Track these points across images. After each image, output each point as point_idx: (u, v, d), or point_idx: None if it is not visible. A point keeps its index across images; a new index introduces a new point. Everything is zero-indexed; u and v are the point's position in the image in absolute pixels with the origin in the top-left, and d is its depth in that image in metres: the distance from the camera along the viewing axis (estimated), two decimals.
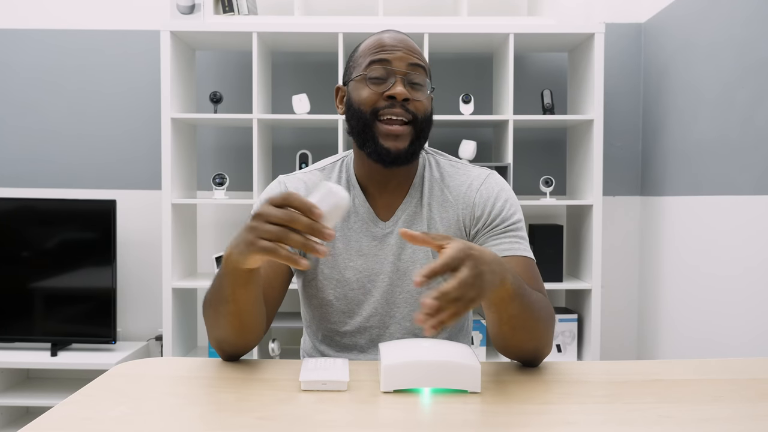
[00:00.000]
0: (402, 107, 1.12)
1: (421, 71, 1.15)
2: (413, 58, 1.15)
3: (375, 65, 1.14)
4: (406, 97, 1.12)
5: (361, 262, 1.20)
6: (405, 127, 1.13)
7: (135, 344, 2.73)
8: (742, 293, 2.01)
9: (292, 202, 0.86)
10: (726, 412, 0.86)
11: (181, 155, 2.60)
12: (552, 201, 2.55)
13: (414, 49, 1.17)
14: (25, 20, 2.82)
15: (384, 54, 1.14)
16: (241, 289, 0.98)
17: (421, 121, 1.14)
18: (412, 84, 1.14)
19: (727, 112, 2.10)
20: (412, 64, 1.14)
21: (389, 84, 1.13)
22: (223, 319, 1.03)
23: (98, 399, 0.90)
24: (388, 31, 1.19)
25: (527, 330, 1.01)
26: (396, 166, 1.15)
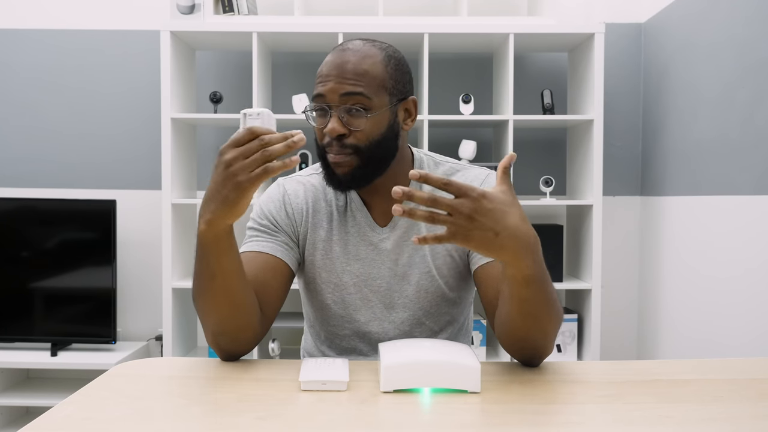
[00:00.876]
0: (339, 143, 1.10)
1: (359, 97, 1.09)
2: (347, 86, 1.09)
3: (315, 100, 1.13)
4: (340, 133, 1.10)
5: (358, 267, 1.20)
6: (348, 158, 1.11)
7: (135, 344, 2.73)
8: (742, 293, 2.01)
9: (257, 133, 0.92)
10: (726, 412, 0.86)
11: (181, 155, 2.60)
12: (552, 201, 2.55)
13: (351, 73, 1.09)
14: (24, 20, 2.82)
15: (319, 87, 1.11)
16: (225, 257, 1.00)
17: (365, 149, 1.11)
18: (349, 112, 1.10)
19: (727, 112, 2.10)
20: (346, 93, 1.09)
21: (327, 118, 1.11)
22: (212, 300, 1.03)
23: (98, 399, 0.90)
24: (338, 51, 1.14)
25: (536, 320, 1.00)
26: (344, 191, 1.17)
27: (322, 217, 1.21)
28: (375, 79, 1.11)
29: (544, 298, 0.99)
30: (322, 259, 1.21)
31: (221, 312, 1.04)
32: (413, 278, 1.19)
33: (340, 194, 1.22)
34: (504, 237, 0.89)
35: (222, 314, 1.04)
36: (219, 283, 1.01)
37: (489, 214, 0.88)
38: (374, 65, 1.11)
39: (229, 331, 1.06)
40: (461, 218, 0.87)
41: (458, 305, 1.25)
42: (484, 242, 0.89)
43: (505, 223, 0.89)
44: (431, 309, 1.21)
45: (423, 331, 1.22)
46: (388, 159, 1.15)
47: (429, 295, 1.20)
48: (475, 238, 0.88)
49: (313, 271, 1.22)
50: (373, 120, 1.10)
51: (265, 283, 1.13)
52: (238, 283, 1.03)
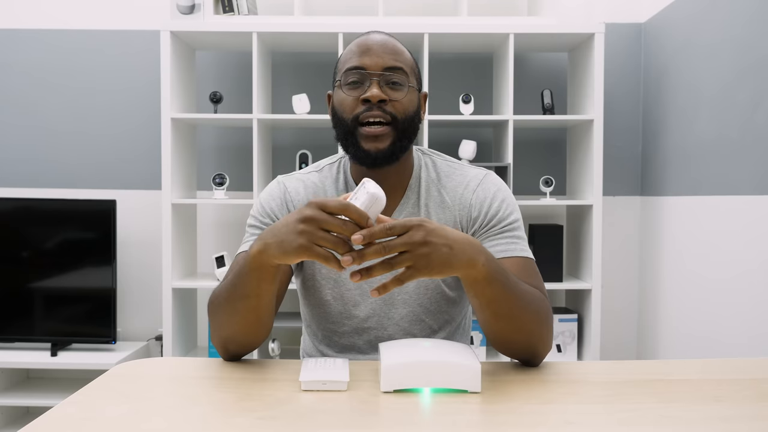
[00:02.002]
0: (379, 109, 1.12)
1: (399, 72, 1.14)
2: (389, 60, 1.14)
3: (350, 71, 1.14)
4: (382, 99, 1.11)
5: None
6: (384, 128, 1.13)
7: (135, 344, 2.73)
8: (742, 293, 2.01)
9: (349, 213, 0.88)
10: (726, 412, 0.86)
11: (181, 155, 2.60)
12: (552, 201, 2.55)
13: (391, 50, 1.15)
14: (25, 20, 2.82)
15: (359, 59, 1.14)
16: (267, 285, 1.00)
17: (402, 121, 1.14)
18: (390, 84, 1.14)
19: (727, 112, 2.10)
20: (388, 67, 1.14)
21: (365, 88, 1.13)
22: (239, 315, 1.03)
23: (98, 399, 0.90)
24: (370, 34, 1.19)
25: (512, 319, 1.01)
26: (378, 167, 1.16)
27: None
28: (408, 61, 1.18)
29: (513, 295, 1.00)
30: None
31: (243, 327, 1.05)
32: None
33: (341, 190, 1.23)
34: (456, 248, 0.92)
35: (241, 329, 1.06)
36: (251, 304, 1.02)
37: (437, 232, 0.91)
38: (406, 50, 1.20)
39: (242, 341, 1.08)
40: (419, 247, 0.89)
41: (457, 304, 1.25)
42: (443, 260, 0.91)
43: (449, 235, 0.92)
44: (431, 306, 1.21)
45: (422, 328, 1.22)
46: (412, 140, 1.18)
47: (429, 293, 1.20)
48: (435, 261, 0.90)
49: (312, 268, 1.22)
50: (409, 95, 1.16)
51: None
52: (267, 308, 1.04)
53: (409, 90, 1.15)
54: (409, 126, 1.15)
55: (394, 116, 1.13)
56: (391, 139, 1.13)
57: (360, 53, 1.15)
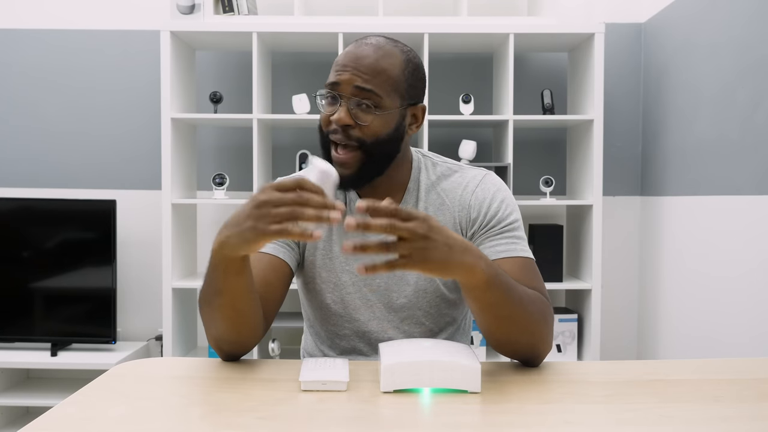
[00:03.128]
0: (344, 133, 1.10)
1: (370, 94, 1.09)
2: (361, 81, 1.09)
3: (328, 86, 1.12)
4: (347, 123, 1.09)
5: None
6: (351, 153, 1.11)
7: (135, 344, 2.73)
8: (742, 293, 2.01)
9: (305, 187, 0.89)
10: (726, 412, 0.86)
11: (181, 155, 2.60)
12: (552, 201, 2.55)
13: (370, 68, 1.09)
14: (25, 20, 2.82)
15: (334, 75, 1.12)
16: (234, 278, 0.99)
17: (370, 144, 1.10)
18: (360, 106, 1.10)
19: (727, 112, 2.10)
20: (358, 87, 1.09)
21: (336, 107, 1.11)
22: (217, 312, 1.03)
23: (98, 399, 0.90)
24: (357, 43, 1.14)
25: (514, 322, 1.01)
26: (350, 190, 1.16)
27: None
28: (390, 80, 1.11)
29: (512, 298, 1.00)
30: (322, 258, 1.21)
31: (224, 324, 1.05)
32: (412, 278, 1.20)
33: (339, 194, 1.22)
34: (456, 249, 0.91)
35: (225, 326, 1.05)
36: (225, 299, 1.01)
37: (440, 231, 0.90)
38: (392, 66, 1.12)
39: (231, 338, 1.07)
40: (418, 239, 0.88)
41: (457, 306, 1.25)
42: (440, 259, 0.90)
43: (452, 236, 0.92)
44: (430, 309, 1.21)
45: (422, 331, 1.22)
46: (390, 159, 1.15)
47: (428, 296, 1.20)
48: (432, 258, 0.89)
49: (313, 271, 1.22)
50: (381, 118, 1.11)
51: (268, 284, 1.13)
52: (243, 302, 1.03)
53: (383, 113, 1.10)
54: (379, 149, 1.12)
55: (362, 140, 1.10)
56: (359, 164, 1.11)
57: (336, 68, 1.12)
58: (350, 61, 1.11)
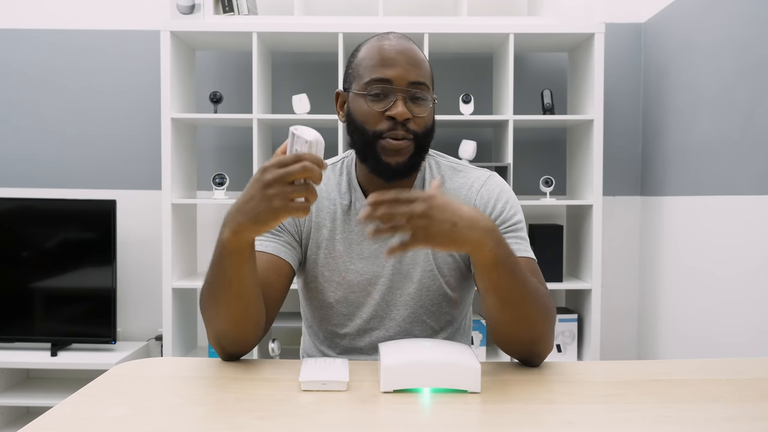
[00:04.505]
0: (403, 128, 1.11)
1: (423, 87, 1.13)
2: (414, 75, 1.12)
3: (375, 84, 1.11)
4: (408, 117, 1.11)
5: (362, 265, 1.20)
6: (408, 143, 1.12)
7: (135, 344, 2.73)
8: (742, 293, 2.01)
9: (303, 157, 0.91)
10: (726, 412, 0.86)
11: (181, 155, 2.60)
12: (552, 201, 2.55)
13: (416, 62, 1.13)
14: (25, 20, 2.82)
15: (384, 71, 1.11)
16: (245, 266, 1.00)
17: (422, 136, 1.14)
18: (413, 99, 1.12)
19: (727, 112, 2.10)
20: (413, 82, 1.12)
21: (390, 102, 1.11)
22: (224, 307, 1.03)
23: (98, 399, 0.90)
24: (390, 38, 1.16)
25: (516, 308, 1.01)
26: (397, 180, 1.16)
27: (325, 216, 1.22)
28: (429, 72, 1.17)
29: (520, 284, 1.01)
30: (325, 257, 1.21)
31: (231, 318, 1.04)
32: (416, 276, 1.20)
33: (345, 193, 1.22)
34: (462, 226, 0.94)
35: (231, 320, 1.05)
36: (234, 290, 1.01)
37: (443, 208, 0.94)
38: (426, 59, 1.18)
39: (234, 335, 1.07)
40: (418, 219, 0.92)
41: (458, 305, 1.25)
42: (443, 235, 0.93)
43: (460, 213, 0.94)
44: (432, 308, 1.21)
45: (423, 329, 1.22)
46: (427, 151, 1.19)
47: (430, 293, 1.20)
48: (435, 234, 0.93)
49: (315, 270, 1.22)
50: (429, 110, 1.15)
51: (268, 283, 1.13)
52: (252, 291, 1.03)
53: (429, 105, 1.15)
54: (427, 140, 1.16)
55: (416, 133, 1.12)
56: (411, 152, 1.13)
57: (384, 63, 1.12)
58: (399, 56, 1.13)
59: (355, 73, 1.16)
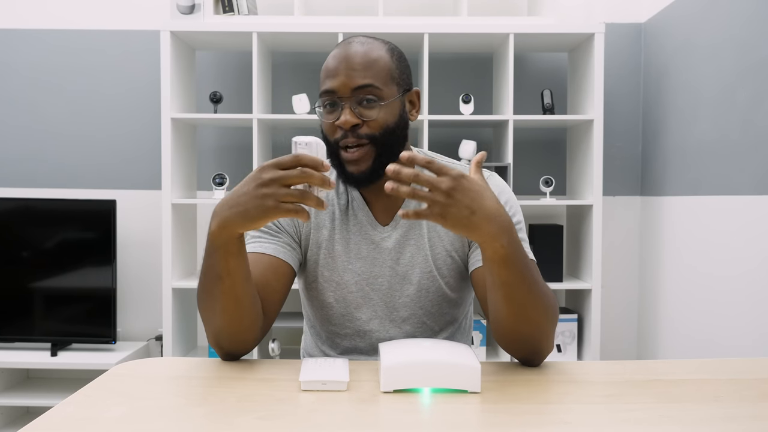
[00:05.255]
0: (354, 134, 1.11)
1: (370, 89, 1.11)
2: (357, 79, 1.10)
3: (324, 96, 1.13)
4: (354, 124, 1.10)
5: (359, 266, 1.20)
6: (363, 150, 1.11)
7: (135, 344, 2.73)
8: (742, 293, 2.01)
9: (304, 162, 0.91)
10: (726, 412, 0.86)
11: (181, 155, 2.60)
12: (552, 201, 2.55)
13: (360, 65, 1.11)
14: (25, 20, 2.82)
15: (330, 81, 1.12)
16: (235, 260, 1.00)
17: (380, 137, 1.12)
18: (362, 104, 1.11)
19: (727, 113, 2.10)
20: (357, 87, 1.10)
21: (338, 112, 1.11)
22: (218, 302, 1.03)
23: (98, 399, 0.90)
24: (341, 46, 1.15)
25: (522, 307, 1.00)
26: (364, 187, 1.16)
27: (324, 217, 1.22)
28: (383, 70, 1.13)
29: (528, 283, 1.00)
30: (324, 258, 1.21)
31: (225, 314, 1.04)
32: (414, 277, 1.20)
33: (342, 193, 1.22)
34: (479, 216, 0.92)
35: (225, 316, 1.04)
36: (225, 285, 1.01)
37: (466, 193, 0.91)
38: (381, 56, 1.14)
39: (231, 332, 1.06)
40: (439, 194, 0.90)
41: (459, 306, 1.25)
42: (459, 220, 0.92)
43: (481, 202, 0.92)
44: (432, 309, 1.21)
45: (424, 330, 1.22)
46: (400, 147, 1.16)
47: (430, 295, 1.20)
48: (451, 215, 0.91)
49: (315, 271, 1.22)
50: (386, 109, 1.13)
51: (267, 284, 1.13)
52: (243, 286, 1.03)
53: (386, 104, 1.12)
54: (390, 139, 1.13)
55: (372, 136, 1.11)
56: (372, 157, 1.12)
57: (329, 74, 1.12)
58: (340, 64, 1.12)
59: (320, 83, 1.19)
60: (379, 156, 1.12)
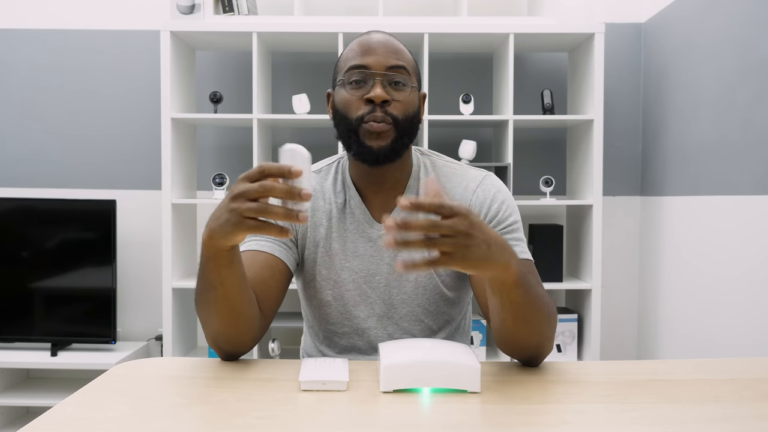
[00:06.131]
0: (382, 110, 1.11)
1: (402, 71, 1.14)
2: (392, 60, 1.13)
3: (353, 70, 1.13)
4: (386, 99, 1.11)
5: (357, 263, 1.20)
6: (389, 127, 1.12)
7: (135, 344, 2.73)
8: (742, 293, 2.01)
9: (269, 171, 0.89)
10: (726, 412, 0.86)
11: (181, 155, 2.60)
12: (552, 201, 2.55)
13: (394, 49, 1.15)
14: (25, 20, 2.82)
15: (362, 58, 1.13)
16: (226, 270, 0.99)
17: (402, 121, 1.13)
18: (392, 84, 1.13)
19: (727, 112, 2.10)
20: (391, 66, 1.13)
21: (368, 87, 1.13)
22: (213, 308, 1.03)
23: (98, 399, 0.90)
24: (371, 33, 1.18)
25: (530, 323, 1.00)
26: (380, 165, 1.15)
27: (321, 216, 1.22)
28: (410, 60, 1.18)
29: (535, 297, 1.00)
30: (322, 256, 1.21)
31: (220, 319, 1.04)
32: (412, 275, 1.20)
33: (339, 192, 1.22)
34: (494, 247, 0.89)
35: (221, 322, 1.05)
36: (219, 293, 1.01)
37: (480, 227, 0.88)
38: (406, 50, 1.19)
39: (228, 335, 1.07)
40: (461, 237, 0.85)
41: (457, 305, 1.25)
42: (479, 257, 0.87)
43: (488, 232, 0.89)
44: (430, 307, 1.21)
45: (422, 329, 1.22)
46: (411, 141, 1.18)
47: (427, 293, 1.20)
48: (472, 256, 0.86)
49: (313, 270, 1.22)
50: (410, 95, 1.15)
51: (265, 282, 1.13)
52: (237, 295, 1.02)
53: (411, 90, 1.15)
54: (409, 126, 1.15)
55: (395, 117, 1.13)
56: (393, 137, 1.13)
57: (362, 52, 1.14)
58: (376, 45, 1.15)
59: (338, 68, 1.19)
60: (398, 139, 1.14)
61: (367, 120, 1.12)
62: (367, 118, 1.12)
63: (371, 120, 1.11)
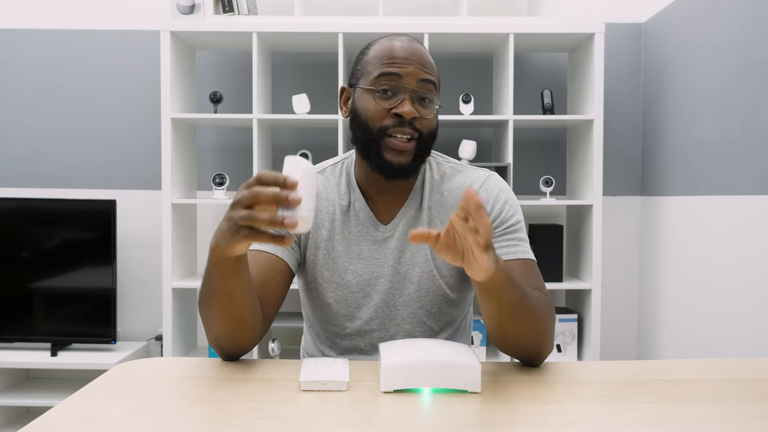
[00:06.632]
0: (410, 126, 1.11)
1: (431, 87, 1.13)
2: (424, 74, 1.12)
3: (384, 78, 1.11)
4: (414, 116, 1.10)
5: (361, 266, 1.20)
6: (410, 143, 1.12)
7: (135, 344, 2.73)
8: (742, 293, 2.01)
9: (264, 180, 0.87)
10: (726, 412, 0.86)
11: (181, 155, 2.60)
12: (552, 201, 2.55)
13: (426, 63, 1.14)
14: (24, 20, 2.82)
15: (395, 67, 1.11)
16: (233, 279, 0.99)
17: (425, 137, 1.13)
18: (420, 100, 1.12)
19: (727, 112, 2.10)
20: (422, 80, 1.12)
21: (397, 100, 1.11)
22: (216, 312, 1.03)
23: (98, 399, 0.90)
24: (401, 38, 1.15)
25: (526, 318, 1.01)
26: (397, 179, 1.15)
27: (324, 217, 1.22)
28: (437, 74, 1.18)
29: (526, 295, 1.01)
30: (324, 258, 1.21)
31: (226, 322, 1.05)
32: (414, 277, 1.20)
33: (344, 194, 1.22)
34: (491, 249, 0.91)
35: (227, 324, 1.05)
36: (223, 300, 1.01)
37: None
38: (432, 60, 1.17)
39: (231, 337, 1.07)
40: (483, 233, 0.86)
41: (458, 306, 1.25)
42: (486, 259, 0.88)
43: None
44: (432, 308, 1.21)
45: (423, 330, 1.22)
46: (429, 154, 1.18)
47: (430, 294, 1.20)
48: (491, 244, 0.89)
49: (314, 271, 1.22)
50: (435, 112, 1.16)
51: (266, 282, 1.13)
52: (242, 303, 1.03)
53: (435, 107, 1.15)
54: (430, 142, 1.15)
55: (421, 133, 1.12)
56: (414, 154, 1.13)
57: (396, 61, 1.11)
58: (410, 55, 1.12)
59: (364, 69, 1.15)
60: (419, 155, 1.13)
61: (390, 133, 1.11)
62: (391, 131, 1.11)
63: (396, 133, 1.11)
